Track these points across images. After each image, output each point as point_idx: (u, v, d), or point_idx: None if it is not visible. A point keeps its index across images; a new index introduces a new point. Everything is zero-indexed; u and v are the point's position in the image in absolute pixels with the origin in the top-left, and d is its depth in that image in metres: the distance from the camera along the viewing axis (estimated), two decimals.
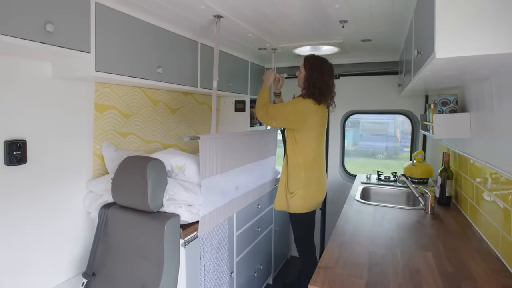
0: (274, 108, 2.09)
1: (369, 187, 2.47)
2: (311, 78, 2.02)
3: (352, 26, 1.88)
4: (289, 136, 2.12)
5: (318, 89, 2.01)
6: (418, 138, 2.86)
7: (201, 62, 2.10)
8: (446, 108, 1.77)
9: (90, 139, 1.72)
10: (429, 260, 1.26)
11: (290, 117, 2.04)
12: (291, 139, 2.10)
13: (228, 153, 1.83)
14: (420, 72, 1.21)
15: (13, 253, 1.40)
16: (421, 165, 2.49)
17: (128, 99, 1.95)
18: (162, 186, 1.48)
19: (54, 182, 1.55)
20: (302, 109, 2.02)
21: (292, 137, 2.09)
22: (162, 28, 1.77)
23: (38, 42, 1.16)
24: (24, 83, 1.41)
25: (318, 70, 2.03)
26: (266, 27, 1.96)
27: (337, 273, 1.15)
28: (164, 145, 2.27)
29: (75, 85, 1.62)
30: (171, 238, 1.41)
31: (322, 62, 2.06)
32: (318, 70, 2.03)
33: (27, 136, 1.42)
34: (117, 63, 1.50)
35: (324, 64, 2.06)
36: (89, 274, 1.51)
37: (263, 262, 2.46)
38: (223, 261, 1.83)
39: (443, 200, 1.97)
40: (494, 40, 0.83)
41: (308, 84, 2.04)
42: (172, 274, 1.41)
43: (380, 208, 1.92)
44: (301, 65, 2.09)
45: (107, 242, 1.54)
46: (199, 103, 2.64)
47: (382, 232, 1.55)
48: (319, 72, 2.02)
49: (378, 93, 2.91)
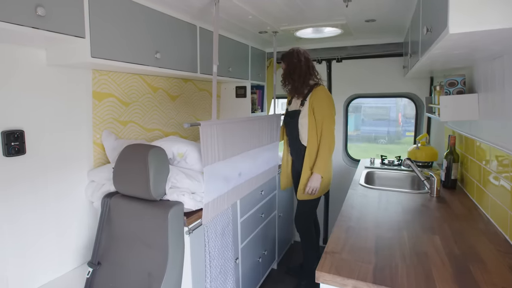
0: (330, 132, 2.19)
1: (373, 171, 2.45)
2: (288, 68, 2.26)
3: (356, 5, 1.81)
4: (311, 122, 2.21)
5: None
6: (423, 121, 2.82)
7: (200, 47, 2.04)
8: (454, 89, 1.72)
9: (89, 128, 1.69)
10: (437, 243, 1.25)
11: (334, 116, 2.24)
12: (313, 125, 2.21)
13: (230, 140, 1.80)
14: (429, 50, 1.16)
15: (17, 244, 1.39)
16: (426, 149, 2.46)
17: (126, 86, 1.91)
18: (164, 174, 1.45)
19: (55, 172, 1.53)
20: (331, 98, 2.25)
21: (317, 125, 2.21)
22: (159, 11, 1.71)
23: (29, 27, 1.11)
24: (19, 71, 1.36)
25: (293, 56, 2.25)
26: (267, 9, 1.89)
27: (344, 258, 1.14)
28: (165, 133, 2.24)
29: (72, 73, 1.57)
30: (175, 226, 1.39)
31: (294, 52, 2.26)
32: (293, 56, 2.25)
33: (24, 126, 1.39)
34: (113, 48, 1.45)
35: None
36: (94, 263, 1.51)
37: (267, 248, 2.47)
38: (228, 248, 1.83)
39: (448, 183, 1.95)
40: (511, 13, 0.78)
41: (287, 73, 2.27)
42: (178, 262, 1.41)
43: (385, 192, 1.90)
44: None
45: (111, 231, 1.53)
46: (199, 90, 2.59)
47: (388, 216, 1.54)
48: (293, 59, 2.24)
49: (381, 76, 2.85)
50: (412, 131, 3.03)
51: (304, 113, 2.25)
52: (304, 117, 2.24)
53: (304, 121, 2.25)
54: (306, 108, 2.23)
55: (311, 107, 2.21)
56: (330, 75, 3.01)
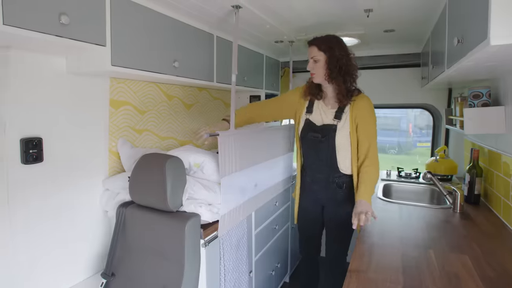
0: (375, 149, 1.67)
1: (390, 184, 2.39)
2: (334, 59, 1.63)
3: (377, 16, 1.78)
4: (354, 142, 1.69)
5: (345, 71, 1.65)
6: (440, 133, 2.75)
7: (217, 56, 2.03)
8: (478, 102, 1.67)
9: (105, 136, 1.68)
10: (467, 264, 1.18)
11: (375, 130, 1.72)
12: (355, 147, 1.69)
13: (247, 150, 1.77)
14: (459, 62, 1.12)
15: (31, 251, 1.36)
16: (445, 161, 2.39)
17: (143, 94, 1.90)
18: (181, 185, 1.42)
19: (71, 180, 1.51)
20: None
21: (359, 146, 1.69)
22: (178, 20, 1.70)
23: (53, 35, 1.10)
24: (39, 79, 1.36)
25: (340, 47, 1.66)
26: (286, 18, 1.87)
27: (370, 278, 1.08)
28: (179, 141, 2.22)
29: (90, 81, 1.57)
30: (192, 239, 1.36)
31: (338, 38, 1.69)
32: (340, 47, 1.66)
33: (42, 133, 1.38)
34: (133, 56, 1.44)
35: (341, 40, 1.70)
36: (108, 274, 1.47)
37: (280, 261, 2.40)
38: (242, 261, 1.78)
39: (471, 199, 1.88)
40: None
41: (333, 66, 1.63)
42: (193, 275, 1.36)
43: (405, 207, 1.84)
44: (315, 51, 1.66)
45: (126, 241, 1.49)
46: (213, 98, 2.58)
47: (412, 232, 1.48)
48: (342, 49, 1.65)
49: (397, 86, 2.80)
50: (423, 141, 2.96)
51: (344, 130, 1.67)
52: (344, 135, 1.67)
53: (344, 141, 1.68)
54: (346, 123, 1.67)
55: (353, 122, 1.66)
56: None
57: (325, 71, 1.65)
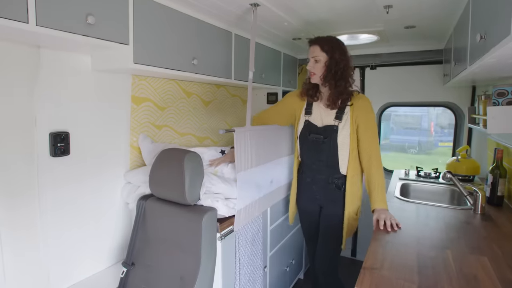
0: (377, 151, 1.70)
1: (409, 183, 2.34)
2: (334, 61, 1.65)
3: (397, 12, 1.75)
4: (353, 143, 1.70)
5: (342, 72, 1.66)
6: (463, 132, 2.67)
7: (235, 53, 2.06)
8: (503, 100, 1.61)
9: (127, 131, 1.75)
10: (486, 265, 1.16)
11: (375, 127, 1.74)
12: (355, 147, 1.72)
13: (263, 146, 1.79)
14: (482, 59, 1.09)
15: (59, 242, 1.45)
16: (467, 161, 2.32)
17: (163, 91, 1.95)
18: (199, 179, 1.46)
19: (95, 173, 1.59)
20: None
21: (360, 147, 1.72)
22: (197, 18, 1.74)
23: (80, 35, 1.16)
24: (67, 76, 1.43)
25: (341, 50, 1.67)
26: (304, 16, 1.87)
27: (384, 275, 1.08)
28: (197, 138, 2.27)
29: (113, 78, 1.64)
30: (208, 232, 1.40)
31: (340, 41, 1.71)
32: (341, 50, 1.67)
33: (69, 128, 1.45)
34: (154, 54, 1.49)
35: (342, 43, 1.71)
36: (128, 264, 1.54)
37: (295, 257, 2.42)
38: (257, 256, 1.81)
39: (494, 200, 1.82)
40: None
41: (331, 69, 1.64)
42: (210, 268, 1.41)
43: (423, 206, 1.81)
44: (317, 51, 1.66)
45: (146, 233, 1.56)
46: (231, 95, 2.61)
47: (429, 232, 1.45)
48: (342, 53, 1.67)
49: (418, 84, 2.73)
50: (445, 141, 2.87)
51: (345, 131, 1.68)
52: (345, 136, 1.68)
53: (344, 142, 1.69)
54: (347, 124, 1.68)
55: (354, 123, 1.67)
56: (363, 82, 2.93)
57: (322, 72, 1.67)
